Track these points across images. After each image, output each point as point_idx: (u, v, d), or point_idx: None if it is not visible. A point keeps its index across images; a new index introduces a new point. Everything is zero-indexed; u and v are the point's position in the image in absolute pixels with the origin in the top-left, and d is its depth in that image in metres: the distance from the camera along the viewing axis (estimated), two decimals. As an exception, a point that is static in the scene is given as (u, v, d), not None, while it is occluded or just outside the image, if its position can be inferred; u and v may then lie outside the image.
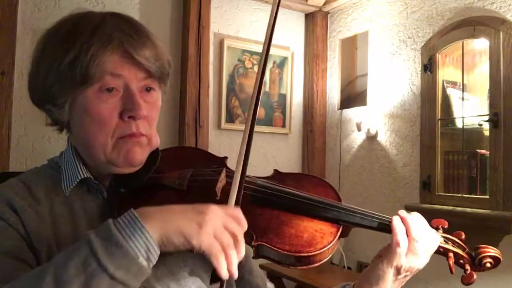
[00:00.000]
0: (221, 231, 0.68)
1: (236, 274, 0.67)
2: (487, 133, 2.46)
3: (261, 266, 3.07)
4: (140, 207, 0.68)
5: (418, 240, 0.85)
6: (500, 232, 2.34)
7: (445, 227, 0.93)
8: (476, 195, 2.47)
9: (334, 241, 0.83)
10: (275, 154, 3.47)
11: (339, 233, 0.85)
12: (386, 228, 0.89)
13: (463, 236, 0.93)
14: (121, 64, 0.80)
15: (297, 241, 0.81)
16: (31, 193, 0.82)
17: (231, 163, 0.99)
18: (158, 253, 0.66)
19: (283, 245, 0.80)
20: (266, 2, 3.41)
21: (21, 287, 0.62)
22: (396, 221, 0.86)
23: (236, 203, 0.76)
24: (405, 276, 0.87)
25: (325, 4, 3.49)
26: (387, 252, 0.86)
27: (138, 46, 0.80)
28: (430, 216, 0.99)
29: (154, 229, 0.65)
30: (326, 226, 0.85)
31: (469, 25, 2.51)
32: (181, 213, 0.68)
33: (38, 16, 2.65)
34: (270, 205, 0.86)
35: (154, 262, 0.66)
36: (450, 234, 0.93)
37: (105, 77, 0.79)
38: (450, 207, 2.51)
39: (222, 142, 3.24)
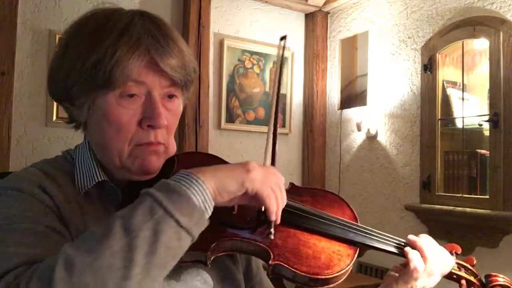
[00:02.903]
0: (266, 177, 0.73)
1: (279, 220, 0.75)
2: (487, 133, 2.46)
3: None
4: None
5: (433, 261, 0.87)
6: (500, 232, 2.34)
7: (458, 252, 0.94)
8: (476, 195, 2.47)
9: (351, 263, 0.82)
10: (275, 154, 3.46)
11: (356, 255, 0.84)
12: (402, 252, 0.89)
13: (475, 262, 0.94)
14: (146, 71, 0.77)
15: (314, 262, 0.80)
16: (56, 181, 0.81)
17: None
18: (213, 203, 0.68)
19: (300, 266, 0.79)
20: (266, 2, 3.41)
21: (88, 242, 0.61)
22: (409, 248, 0.88)
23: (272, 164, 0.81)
24: None
25: (325, 4, 3.49)
26: (403, 274, 0.87)
27: (165, 54, 0.78)
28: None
29: (208, 180, 0.68)
30: (343, 248, 0.84)
31: (469, 25, 2.51)
32: (227, 166, 0.74)
33: (38, 16, 2.65)
34: (288, 223, 0.84)
35: (210, 213, 0.68)
36: (462, 260, 0.94)
37: (127, 83, 0.77)
38: (450, 207, 2.51)
39: (222, 142, 3.24)
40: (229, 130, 3.27)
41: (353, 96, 3.50)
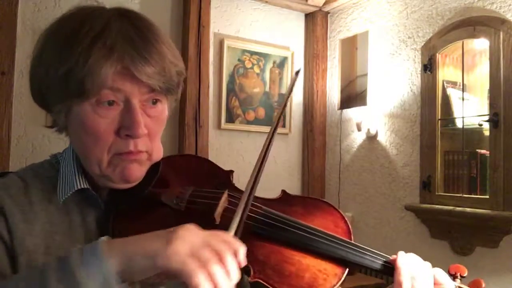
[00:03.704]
0: (199, 247, 0.59)
1: None
2: (487, 133, 2.46)
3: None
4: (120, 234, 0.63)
5: (418, 277, 0.79)
6: (500, 232, 2.34)
7: (463, 275, 0.86)
8: (476, 195, 2.47)
9: (337, 284, 0.76)
10: (275, 154, 3.46)
11: (344, 276, 0.78)
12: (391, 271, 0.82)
13: (484, 286, 0.85)
14: (122, 79, 0.73)
15: (297, 281, 0.75)
16: (27, 196, 0.78)
17: (238, 175, 0.94)
18: (118, 282, 0.59)
19: (281, 284, 0.74)
20: (266, 2, 3.41)
21: None
22: (400, 259, 0.81)
23: (235, 233, 0.70)
24: None
25: (325, 4, 3.49)
26: None
27: (140, 62, 0.73)
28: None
29: (115, 256, 0.59)
30: (330, 267, 0.78)
31: (469, 25, 2.51)
32: (151, 235, 0.62)
33: (38, 16, 2.65)
34: (272, 237, 0.80)
35: None
36: (468, 284, 0.85)
37: (102, 91, 0.73)
38: (450, 207, 2.51)
39: (222, 142, 3.24)
40: (229, 130, 3.27)
41: (353, 96, 3.50)
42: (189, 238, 0.60)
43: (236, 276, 0.60)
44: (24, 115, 2.60)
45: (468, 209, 2.42)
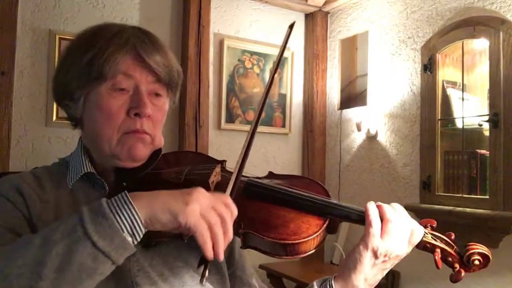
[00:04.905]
0: (208, 210, 0.71)
1: (221, 256, 0.70)
2: (487, 133, 2.46)
3: (262, 267, 3.07)
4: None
5: (391, 220, 0.87)
6: (500, 232, 2.34)
7: (434, 225, 0.94)
8: (476, 195, 2.47)
9: (319, 231, 0.86)
10: (275, 154, 3.47)
11: (325, 225, 0.88)
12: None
13: (453, 236, 0.93)
14: (134, 66, 0.89)
15: (283, 230, 0.85)
16: (39, 183, 0.90)
17: (230, 165, 1.01)
18: (143, 230, 0.69)
19: (268, 233, 0.83)
20: (266, 2, 3.41)
21: (15, 246, 0.67)
22: (370, 204, 0.90)
23: (231, 194, 0.81)
24: (384, 261, 0.88)
25: (325, 4, 3.49)
26: (363, 235, 0.88)
27: (150, 50, 0.89)
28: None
29: (141, 207, 0.69)
30: (312, 219, 0.88)
31: (469, 25, 2.51)
32: (169, 194, 0.72)
33: (38, 16, 2.65)
34: (260, 198, 0.91)
35: (139, 238, 0.69)
36: (439, 233, 0.93)
37: (117, 76, 0.87)
38: (450, 207, 2.51)
39: (222, 142, 3.24)
40: (229, 130, 3.27)
41: (353, 96, 3.50)
42: (200, 200, 0.71)
43: (231, 235, 0.72)
44: (24, 115, 2.60)
45: (468, 209, 2.42)
